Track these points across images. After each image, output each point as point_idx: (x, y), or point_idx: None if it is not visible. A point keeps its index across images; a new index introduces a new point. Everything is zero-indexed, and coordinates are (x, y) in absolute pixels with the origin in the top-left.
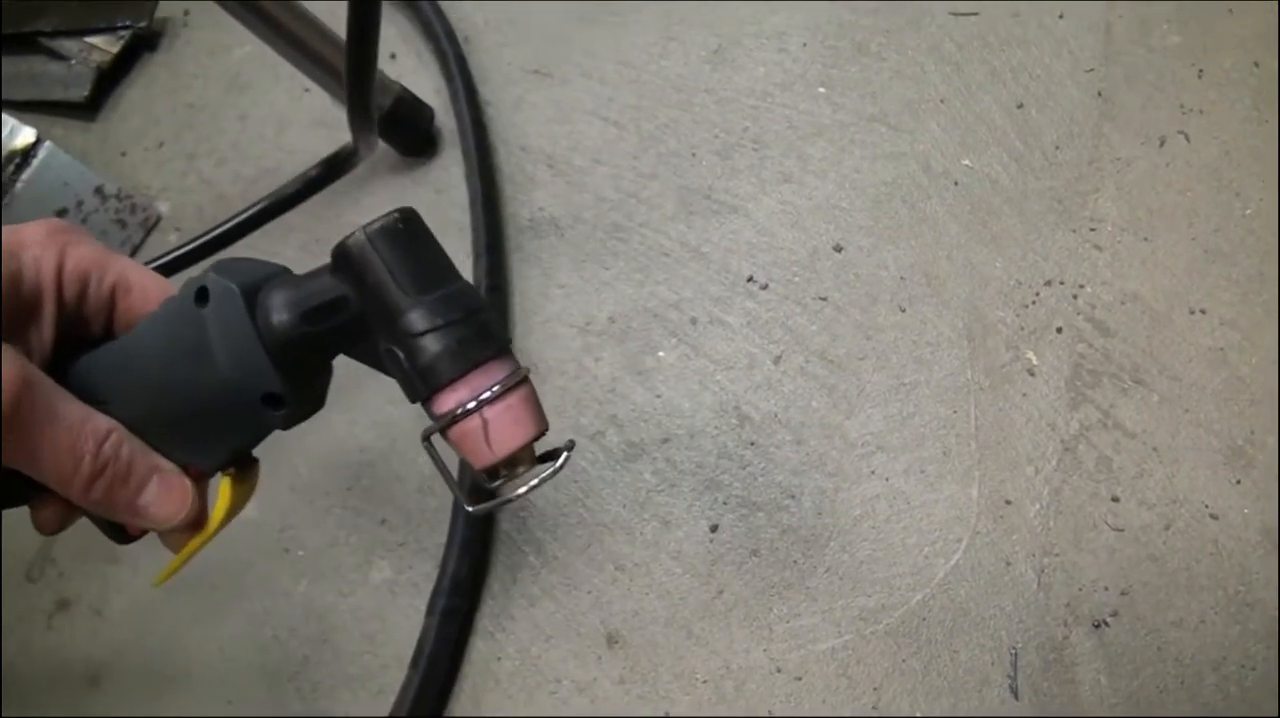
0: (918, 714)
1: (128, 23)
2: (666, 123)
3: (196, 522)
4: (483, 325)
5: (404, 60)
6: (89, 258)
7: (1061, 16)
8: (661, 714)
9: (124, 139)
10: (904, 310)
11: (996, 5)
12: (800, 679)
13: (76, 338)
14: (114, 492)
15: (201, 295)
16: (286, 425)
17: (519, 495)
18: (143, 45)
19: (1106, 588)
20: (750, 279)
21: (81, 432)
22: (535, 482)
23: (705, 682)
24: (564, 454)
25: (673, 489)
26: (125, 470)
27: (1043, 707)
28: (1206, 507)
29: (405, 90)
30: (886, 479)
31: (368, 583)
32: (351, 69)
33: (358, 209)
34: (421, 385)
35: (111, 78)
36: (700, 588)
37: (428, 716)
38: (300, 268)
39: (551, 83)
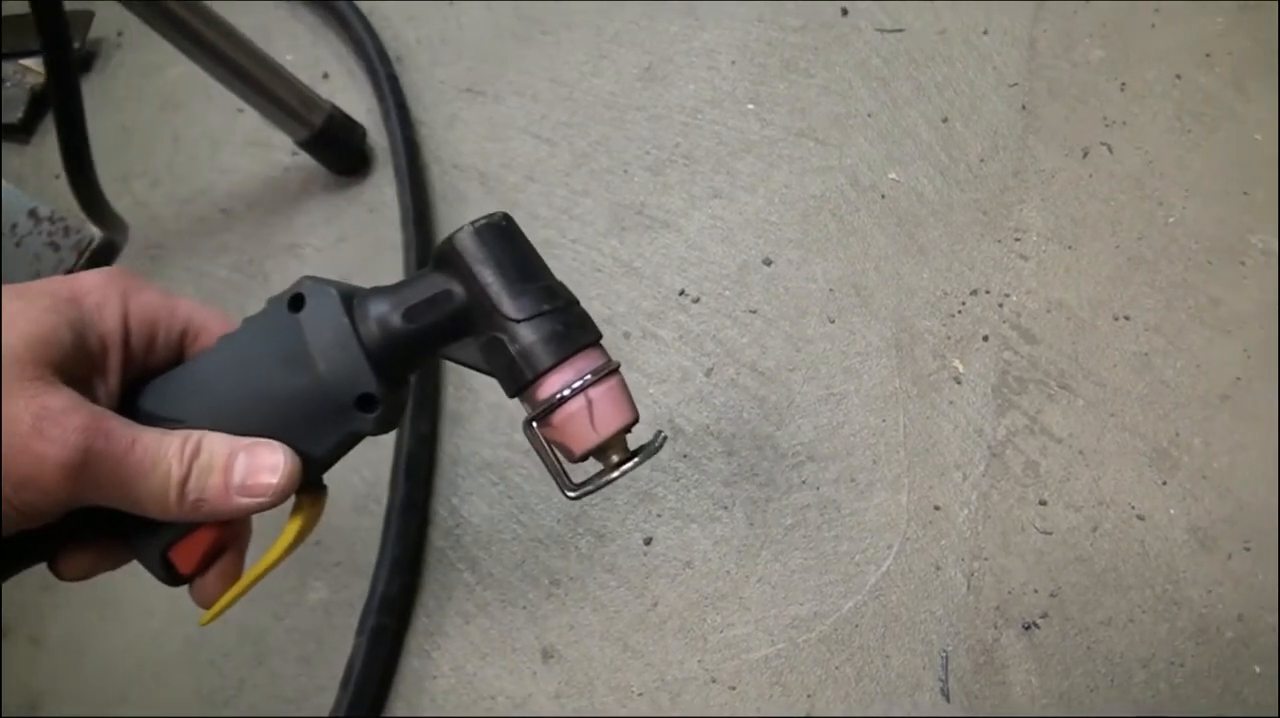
0: None
1: None
2: (598, 140)
3: (296, 487)
4: (580, 315)
5: (336, 80)
6: (154, 304)
7: (986, 32)
8: None
9: (58, 162)
10: (833, 322)
11: (922, 22)
12: (735, 689)
13: (141, 386)
14: (207, 482)
15: (296, 302)
16: (377, 430)
17: (625, 471)
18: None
19: (1036, 590)
20: (682, 293)
21: (160, 448)
22: (637, 460)
23: (641, 694)
24: (661, 437)
25: (607, 503)
26: (210, 458)
27: (974, 708)
28: (1133, 508)
29: (336, 109)
30: (817, 488)
31: (303, 604)
32: (67, 158)
33: (290, 229)
34: (526, 369)
35: (45, 100)
36: (635, 601)
37: None
38: (234, 288)
39: (484, 101)
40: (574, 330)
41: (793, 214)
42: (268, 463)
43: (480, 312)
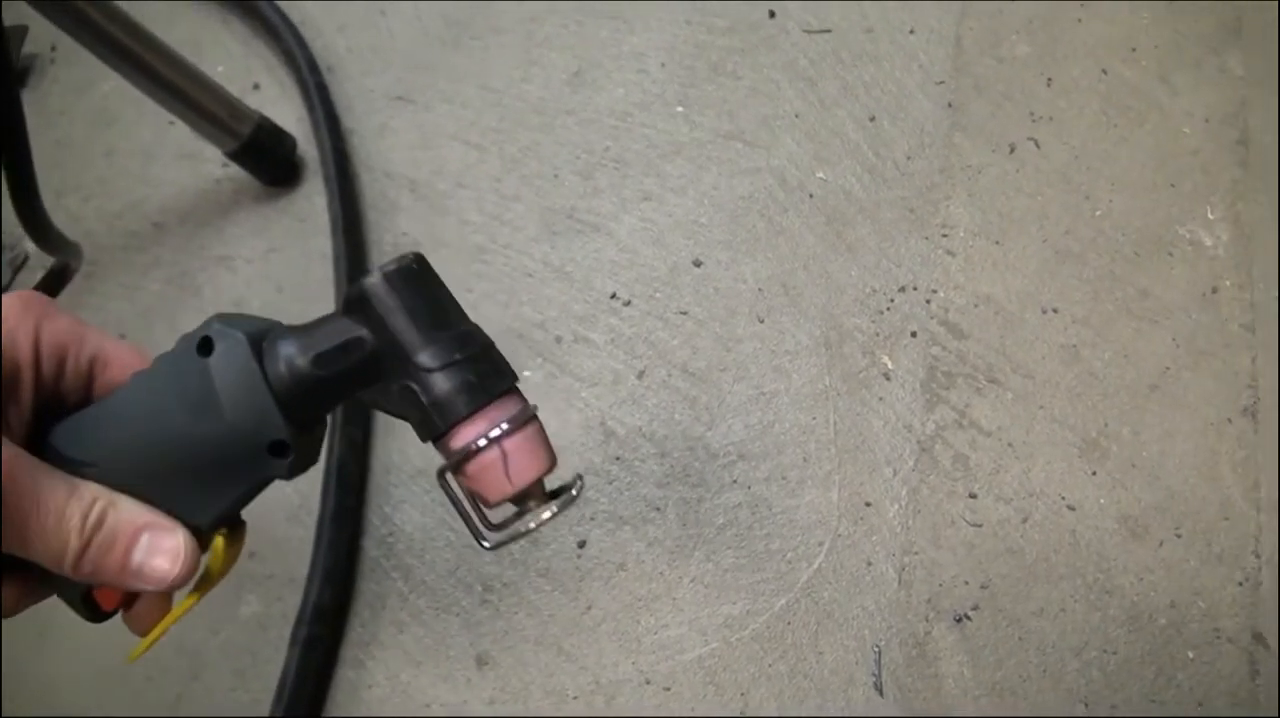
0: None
1: None
2: (528, 145)
3: (192, 577)
4: (495, 362)
5: (267, 90)
6: (65, 331)
7: (912, 31)
8: None
9: None
10: (762, 321)
11: (849, 22)
12: (669, 689)
13: (52, 414)
14: (104, 560)
15: (205, 345)
16: (290, 475)
17: (541, 523)
18: None
19: (967, 583)
20: (613, 296)
21: (65, 511)
22: (555, 510)
23: (576, 698)
24: (578, 484)
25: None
26: (111, 536)
27: (908, 702)
28: (1063, 498)
29: (265, 119)
30: (748, 488)
31: (237, 618)
32: (11, 182)
33: (222, 241)
34: (439, 420)
35: None
36: (569, 604)
37: None
38: (167, 302)
39: (414, 109)
40: (488, 379)
41: (722, 215)
42: (169, 552)
43: (392, 359)
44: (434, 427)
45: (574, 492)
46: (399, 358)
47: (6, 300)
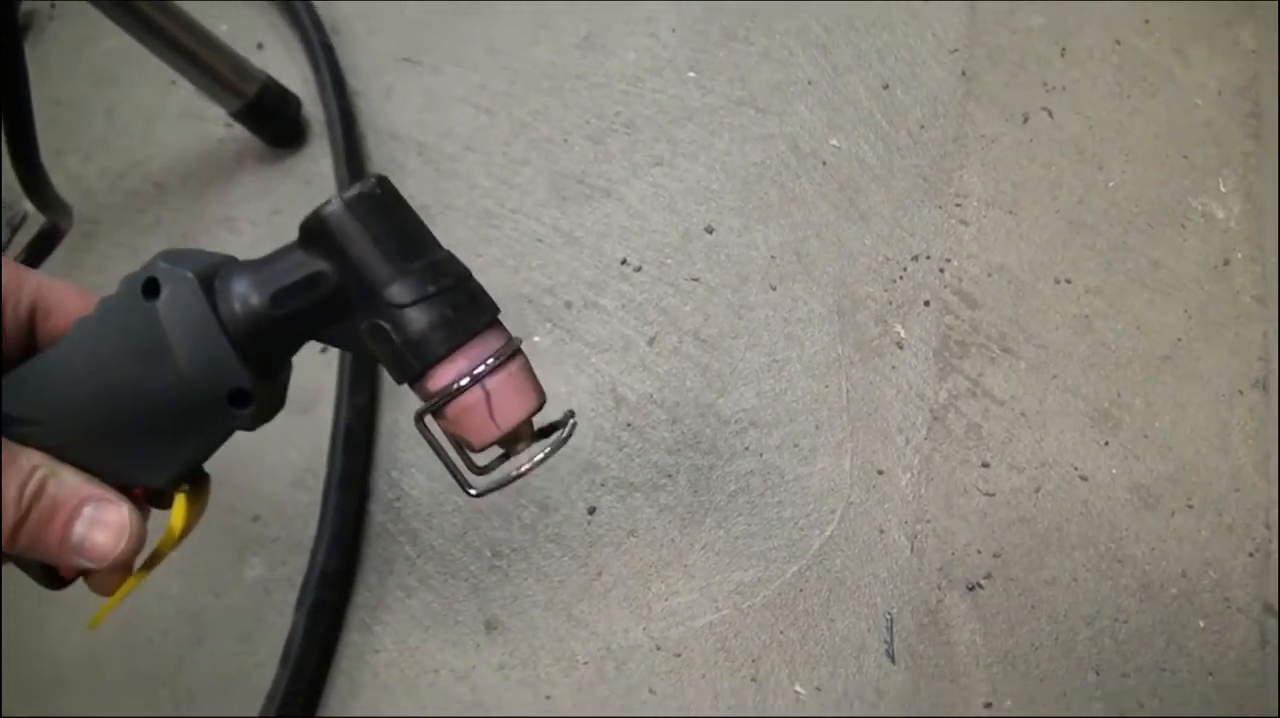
0: (796, 684)
1: None
2: (538, 109)
3: (137, 553)
4: (473, 293)
5: (271, 50)
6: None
7: None
8: (543, 697)
9: None
10: (775, 289)
11: None
12: (680, 656)
13: None
14: (42, 534)
15: (151, 287)
16: (253, 425)
17: (530, 468)
18: None
19: (979, 551)
20: (624, 262)
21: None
22: (547, 452)
23: (586, 663)
24: (570, 423)
25: (550, 473)
26: (50, 508)
27: (919, 669)
28: (1076, 468)
29: (271, 79)
30: (760, 455)
31: (241, 582)
32: (11, 141)
33: (225, 202)
34: (415, 360)
35: None
36: (579, 570)
37: (300, 713)
38: None
39: (422, 71)
40: (465, 313)
41: (734, 182)
42: (113, 529)
43: (358, 295)
44: (409, 368)
45: (565, 431)
46: (366, 293)
47: None
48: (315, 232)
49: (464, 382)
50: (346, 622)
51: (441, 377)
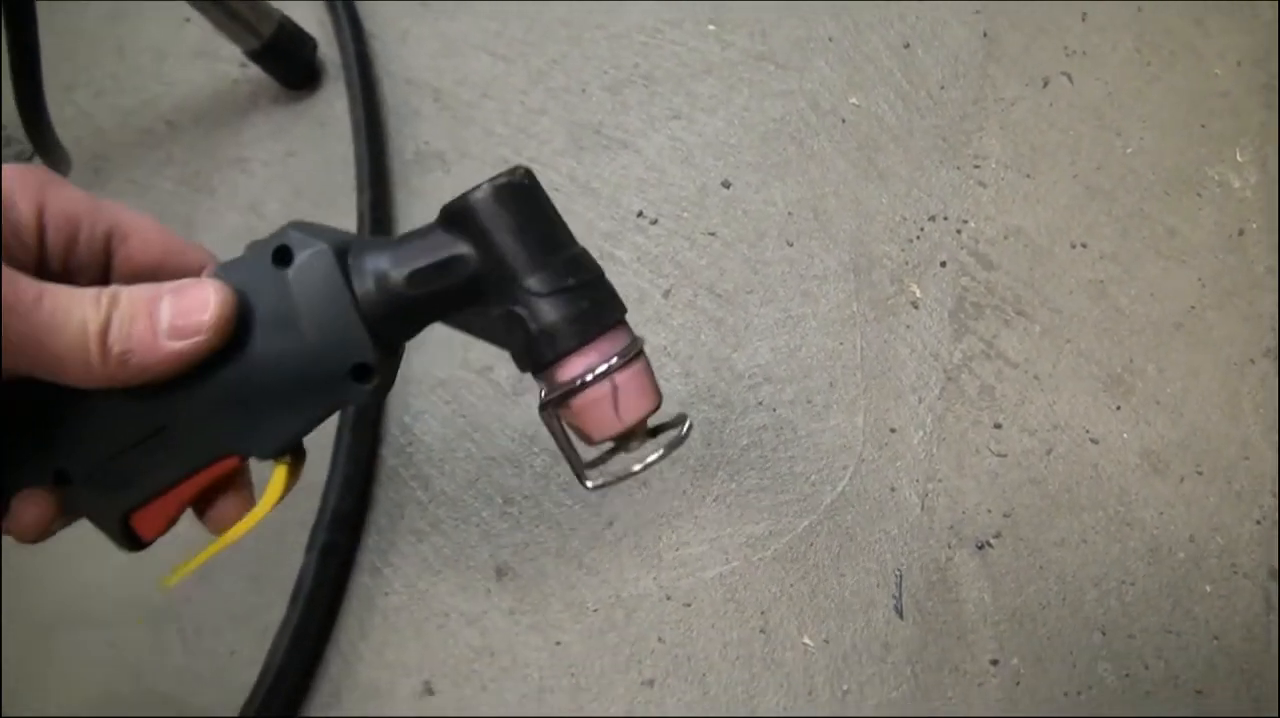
0: (804, 636)
1: None
2: (556, 58)
3: (234, 316)
4: (607, 291)
5: None
6: (76, 201)
7: None
8: (553, 643)
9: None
10: (791, 245)
11: None
12: (689, 606)
13: None
14: (131, 333)
15: (282, 255)
16: (372, 401)
17: (644, 468)
18: None
19: (989, 511)
20: (640, 214)
21: (71, 297)
22: (661, 453)
23: (596, 610)
24: (686, 424)
25: None
26: (129, 307)
27: (927, 625)
28: (1087, 432)
29: (287, 19)
30: (774, 410)
31: None
32: (18, 81)
33: (238, 142)
34: (548, 349)
35: None
36: (591, 519)
37: (308, 652)
38: (180, 201)
39: (438, 15)
40: (600, 309)
41: (752, 137)
42: (197, 299)
43: (495, 281)
44: (541, 357)
45: (682, 431)
46: (504, 280)
47: (6, 169)
48: (460, 215)
49: (593, 375)
50: (357, 564)
51: (572, 368)
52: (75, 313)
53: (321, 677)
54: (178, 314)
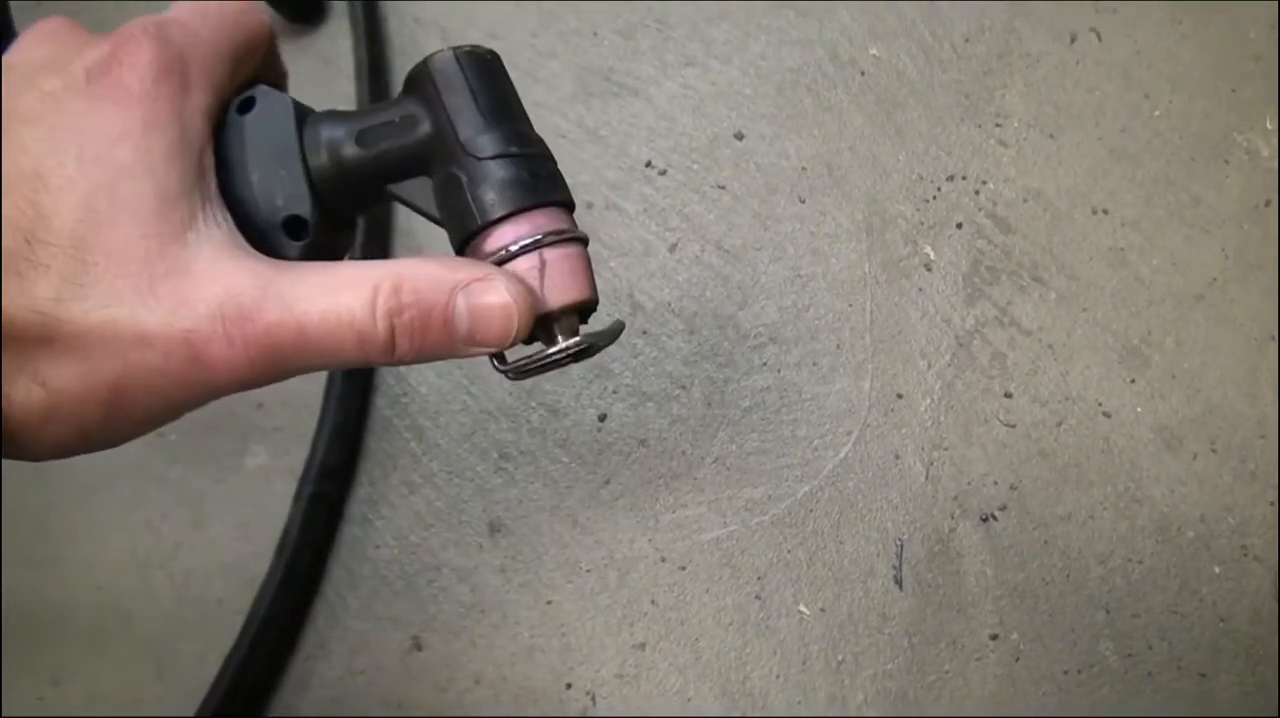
0: (801, 604)
1: None
2: None
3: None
4: (554, 172)
5: None
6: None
7: None
8: (544, 602)
9: None
10: (803, 201)
11: None
12: (684, 569)
13: None
14: (425, 344)
15: (246, 104)
16: (302, 257)
17: (569, 350)
18: None
19: (995, 482)
20: (649, 164)
21: (339, 315)
22: (592, 344)
23: (589, 570)
24: (619, 323)
25: (561, 377)
26: (418, 310)
27: (926, 597)
28: (1100, 404)
29: None
30: (778, 371)
31: (242, 469)
32: None
33: None
34: (479, 213)
35: None
36: (587, 477)
37: (293, 602)
38: None
39: None
40: (542, 182)
41: (768, 87)
42: (496, 305)
43: (442, 146)
44: (470, 220)
45: (614, 331)
46: (449, 144)
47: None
48: (419, 77)
49: (519, 246)
50: (347, 515)
51: (500, 236)
52: (349, 334)
53: (308, 628)
54: (474, 324)
